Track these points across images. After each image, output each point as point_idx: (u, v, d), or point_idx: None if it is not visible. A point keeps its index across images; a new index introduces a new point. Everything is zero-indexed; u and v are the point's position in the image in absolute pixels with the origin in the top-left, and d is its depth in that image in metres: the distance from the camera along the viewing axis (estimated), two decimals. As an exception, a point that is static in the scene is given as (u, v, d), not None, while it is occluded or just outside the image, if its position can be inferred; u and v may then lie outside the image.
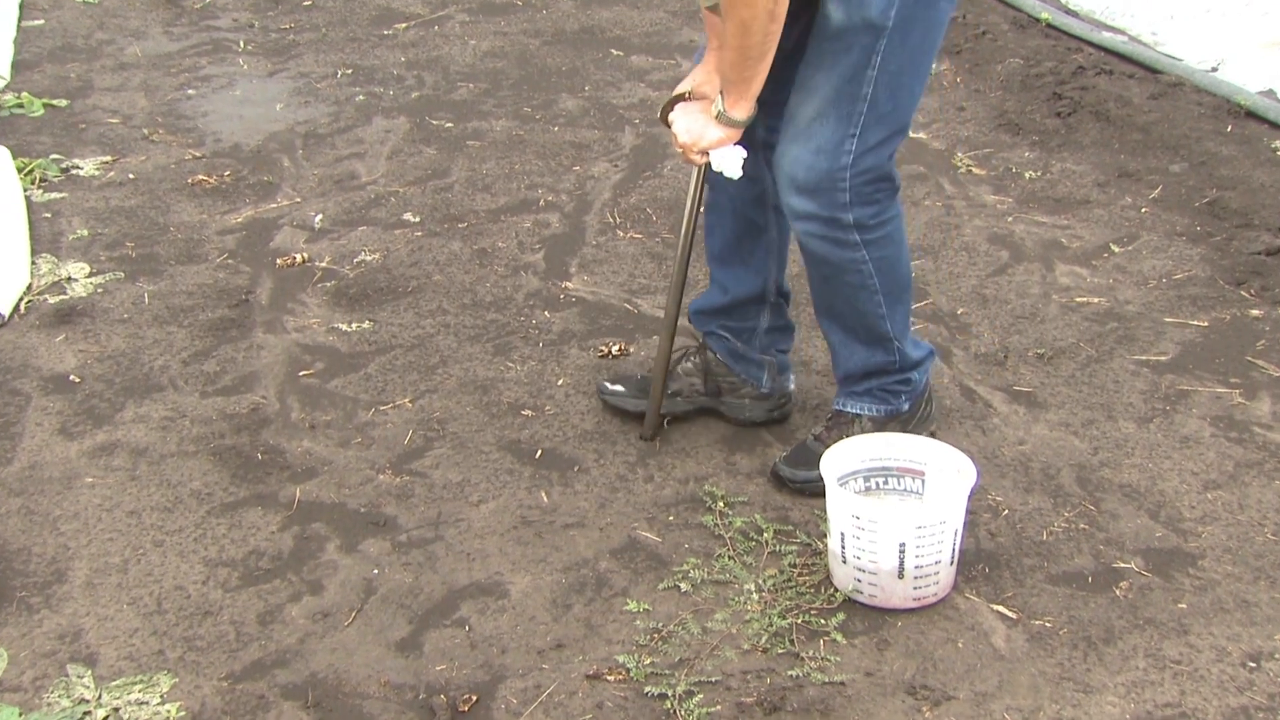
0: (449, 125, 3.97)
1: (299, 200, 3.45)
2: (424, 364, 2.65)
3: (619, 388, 2.44)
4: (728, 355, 2.38)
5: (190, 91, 4.22)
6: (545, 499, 2.21)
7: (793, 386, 2.43)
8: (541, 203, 3.45)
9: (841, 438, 2.15)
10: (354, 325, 2.80)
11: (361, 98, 4.20)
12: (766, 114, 2.03)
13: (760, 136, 2.11)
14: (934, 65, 2.02)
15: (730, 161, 2.01)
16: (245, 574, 2.05)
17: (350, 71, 4.46)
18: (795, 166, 1.95)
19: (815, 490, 2.14)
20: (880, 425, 2.19)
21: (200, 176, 3.58)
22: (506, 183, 3.58)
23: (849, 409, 2.21)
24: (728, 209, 2.23)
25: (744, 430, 2.39)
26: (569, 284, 3.00)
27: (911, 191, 3.45)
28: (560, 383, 2.58)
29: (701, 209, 2.24)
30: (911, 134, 3.84)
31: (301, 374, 2.61)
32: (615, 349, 2.68)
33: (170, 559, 2.08)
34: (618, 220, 3.32)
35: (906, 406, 2.22)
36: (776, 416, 2.39)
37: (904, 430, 2.19)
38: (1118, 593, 2.00)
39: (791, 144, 1.96)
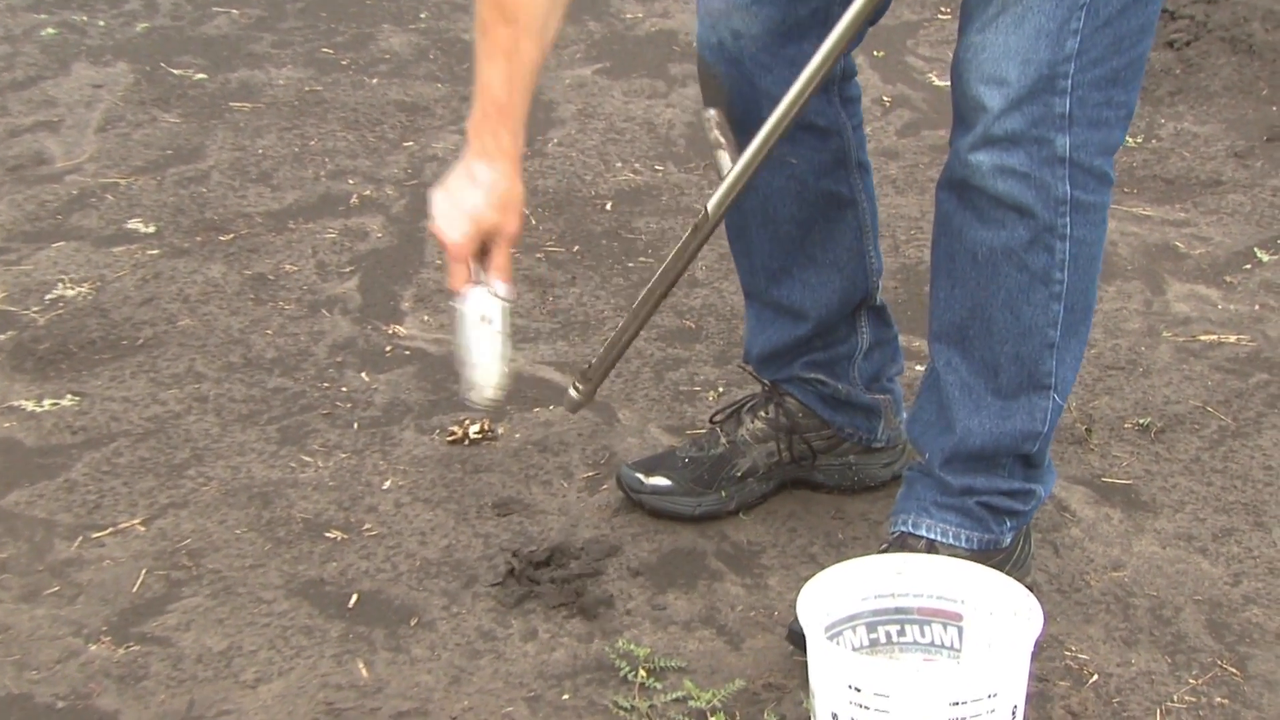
0: (200, 77, 4.01)
1: (-51, 200, 3.47)
2: (165, 462, 2.68)
3: (660, 480, 2.53)
4: (820, 403, 2.52)
5: None
6: (364, 673, 2.24)
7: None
8: (354, 200, 3.51)
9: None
10: (46, 403, 2.83)
11: (51, 31, 4.22)
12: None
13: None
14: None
15: (478, 306, 2.13)
16: None
17: (33, -12, 4.48)
18: (1004, 59, 2.01)
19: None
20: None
21: None
22: (296, 169, 3.63)
23: (922, 531, 2.26)
24: (786, 192, 2.35)
25: (680, 550, 2.46)
26: (399, 328, 3.06)
27: (931, 171, 3.57)
28: (387, 486, 2.62)
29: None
30: (937, 80, 3.98)
31: (-43, 484, 2.63)
32: (475, 430, 2.74)
33: None
34: (476, 225, 3.39)
35: (1008, 540, 2.29)
36: (899, 472, 2.55)
37: None
38: (1275, 800, 2.09)
39: (990, 30, 2.03)
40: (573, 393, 2.44)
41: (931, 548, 2.24)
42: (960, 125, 2.09)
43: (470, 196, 2.08)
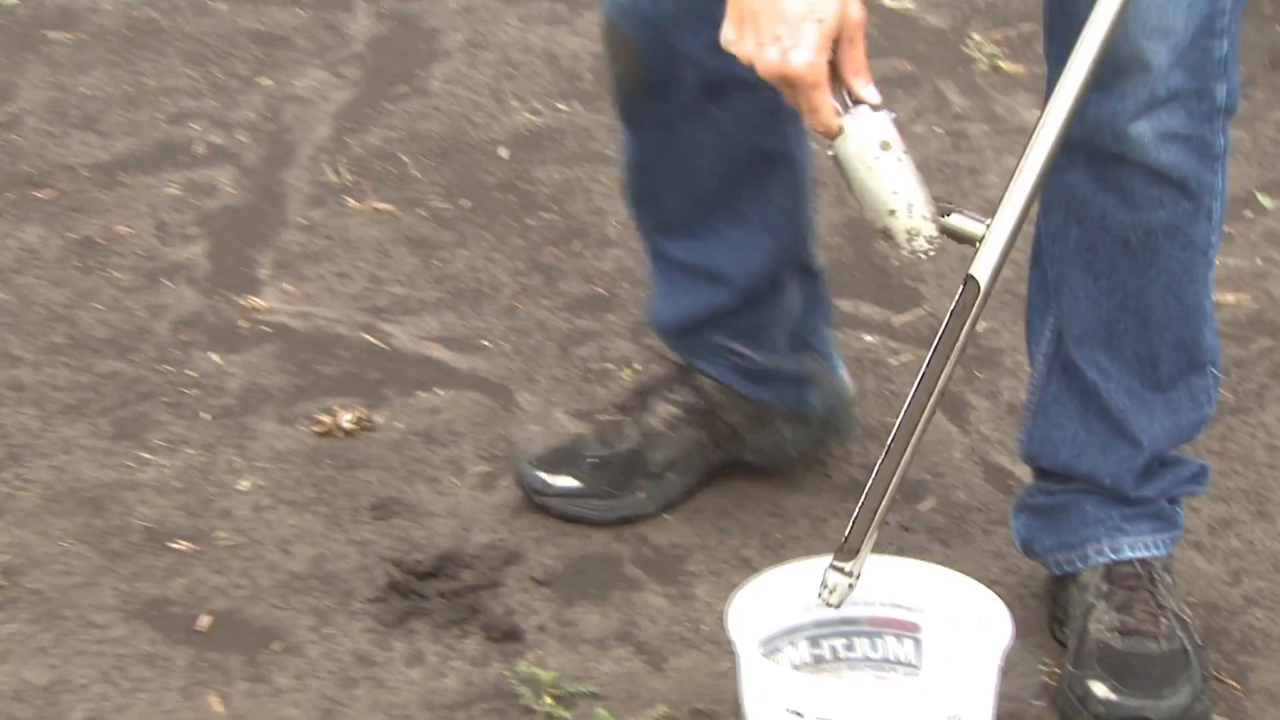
0: (10, 1, 3.96)
1: None
2: (-26, 464, 2.64)
3: (566, 481, 2.52)
4: (743, 379, 2.51)
5: None
6: (218, 707, 2.21)
7: (849, 380, 2.62)
8: (200, 148, 3.46)
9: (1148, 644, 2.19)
10: None
11: None
12: None
13: None
14: None
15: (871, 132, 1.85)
16: None
17: None
18: (1170, 2, 1.95)
19: None
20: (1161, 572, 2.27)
21: None
22: (129, 111, 3.58)
23: (1131, 553, 2.27)
24: (708, 148, 2.34)
25: (591, 555, 2.45)
26: (256, 300, 3.03)
27: (890, 105, 3.56)
28: (243, 486, 2.59)
29: None
30: (889, 2, 3.99)
31: None
32: (348, 419, 2.71)
33: None
34: (346, 178, 3.37)
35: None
36: (839, 433, 2.63)
37: (1161, 587, 2.26)
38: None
39: None
40: (839, 579, 1.98)
41: (1149, 571, 2.25)
42: (1108, 93, 1.99)
43: None
